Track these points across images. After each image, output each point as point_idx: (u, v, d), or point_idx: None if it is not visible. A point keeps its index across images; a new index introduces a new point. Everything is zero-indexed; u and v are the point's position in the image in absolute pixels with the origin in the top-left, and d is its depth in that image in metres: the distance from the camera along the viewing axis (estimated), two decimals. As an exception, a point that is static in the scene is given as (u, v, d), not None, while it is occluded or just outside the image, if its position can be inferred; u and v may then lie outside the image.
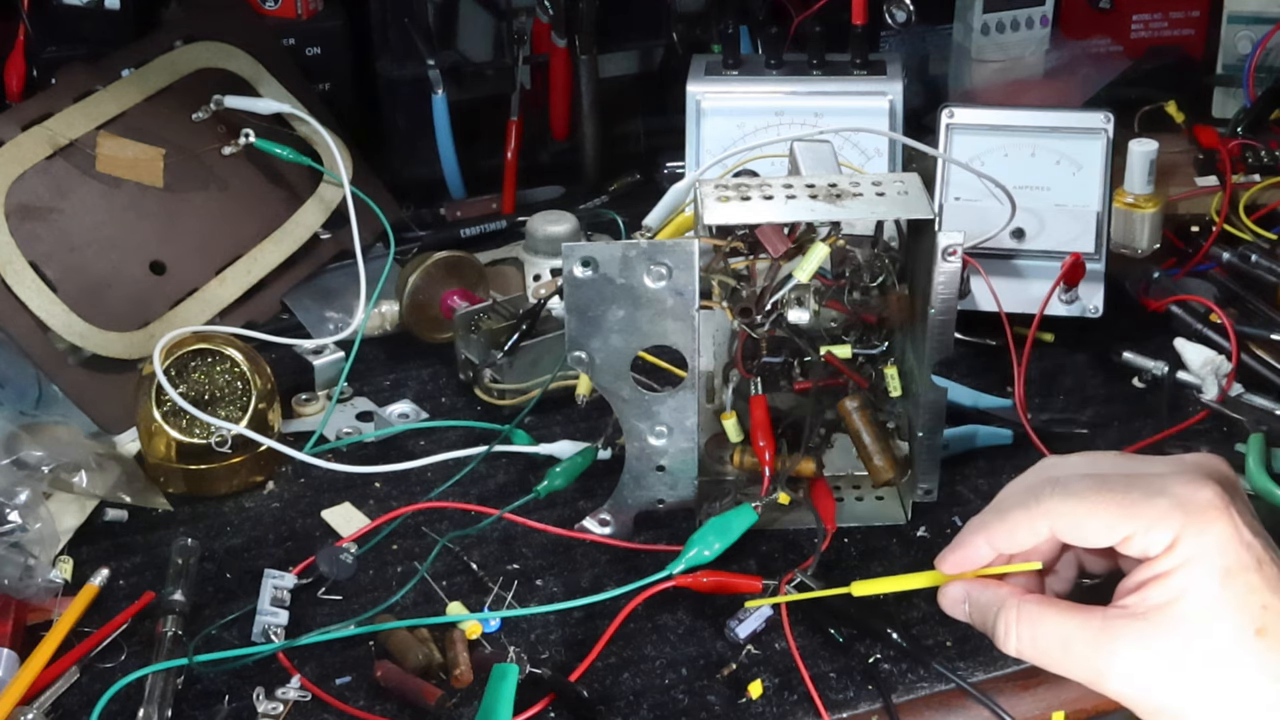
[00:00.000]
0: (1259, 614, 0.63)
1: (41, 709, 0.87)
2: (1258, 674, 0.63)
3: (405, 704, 0.87)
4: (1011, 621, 0.68)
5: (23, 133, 1.18)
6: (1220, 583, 0.63)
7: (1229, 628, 0.63)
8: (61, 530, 1.01)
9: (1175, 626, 0.63)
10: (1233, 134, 1.44)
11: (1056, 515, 0.66)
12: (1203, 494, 0.63)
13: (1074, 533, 0.66)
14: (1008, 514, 0.68)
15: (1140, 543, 0.64)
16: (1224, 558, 0.63)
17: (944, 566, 0.71)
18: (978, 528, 0.69)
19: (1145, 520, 0.63)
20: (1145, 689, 0.64)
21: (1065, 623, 0.66)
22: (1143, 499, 0.64)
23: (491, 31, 1.52)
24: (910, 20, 1.42)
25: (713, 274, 0.95)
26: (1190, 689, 0.63)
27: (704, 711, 0.87)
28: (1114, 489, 0.65)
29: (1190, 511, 0.63)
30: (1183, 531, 0.63)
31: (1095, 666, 0.65)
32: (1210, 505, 0.63)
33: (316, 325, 1.27)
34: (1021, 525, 0.67)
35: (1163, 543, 0.63)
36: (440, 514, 1.04)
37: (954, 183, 1.24)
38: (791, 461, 0.99)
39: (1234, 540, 0.63)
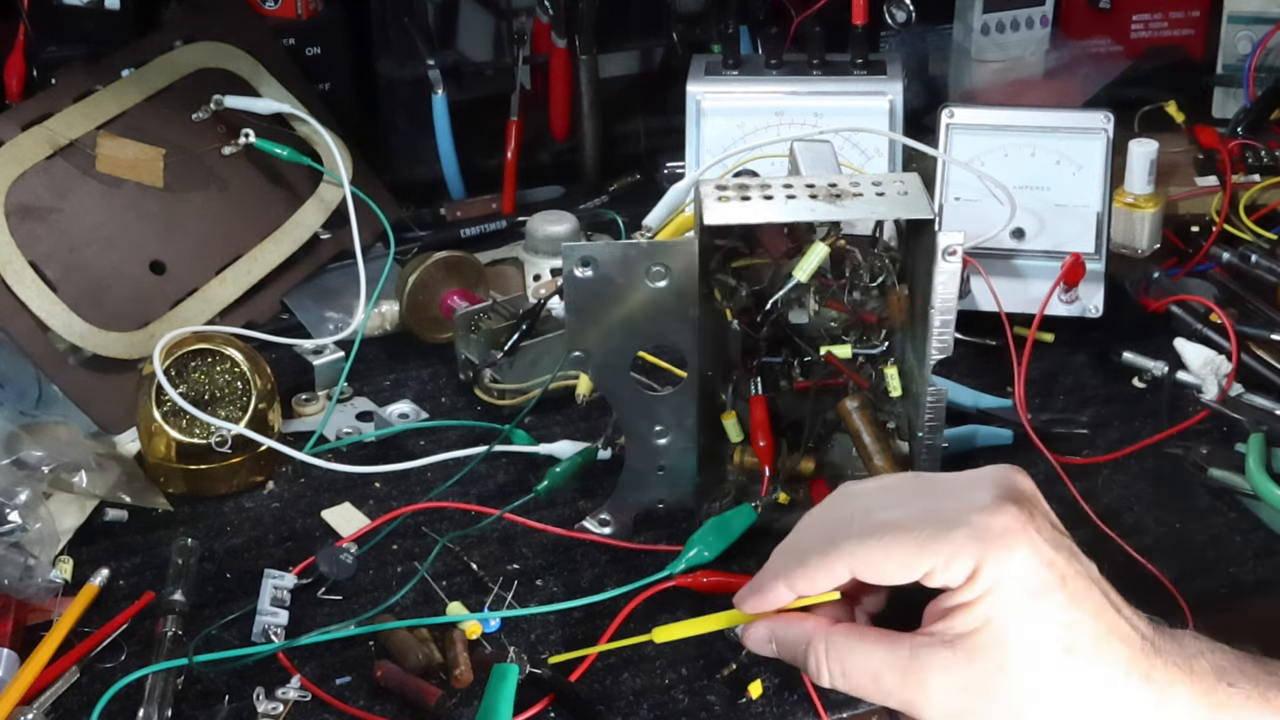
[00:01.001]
0: (1065, 633, 0.63)
1: (41, 709, 0.87)
2: (1071, 692, 0.63)
3: (405, 704, 0.87)
4: (821, 656, 0.67)
5: (23, 133, 1.18)
6: (1024, 606, 0.62)
7: (1038, 651, 0.62)
8: (61, 530, 1.01)
9: (983, 653, 0.63)
10: (1233, 134, 1.44)
11: (854, 559, 0.66)
12: (999, 519, 0.63)
13: (873, 574, 0.65)
14: (806, 560, 0.67)
15: (941, 576, 0.64)
16: (1026, 581, 0.62)
17: (744, 608, 0.71)
18: (776, 573, 0.69)
19: (944, 555, 0.63)
20: (959, 712, 0.64)
21: (874, 654, 0.66)
22: (938, 533, 0.63)
23: (491, 31, 1.52)
24: (910, 20, 1.42)
25: (713, 274, 0.95)
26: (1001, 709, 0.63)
27: (704, 711, 0.87)
28: (909, 527, 0.64)
29: (988, 540, 0.63)
30: (983, 560, 0.62)
31: (907, 697, 0.65)
32: (1007, 530, 0.63)
33: (316, 325, 1.27)
34: (820, 571, 0.67)
35: (964, 573, 0.63)
36: (440, 514, 1.04)
37: (954, 183, 1.24)
38: (791, 461, 0.98)
39: (1034, 562, 0.63)
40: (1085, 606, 0.63)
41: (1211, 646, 0.67)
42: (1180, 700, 0.64)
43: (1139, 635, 0.64)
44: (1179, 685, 0.64)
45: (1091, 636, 0.63)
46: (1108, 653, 0.63)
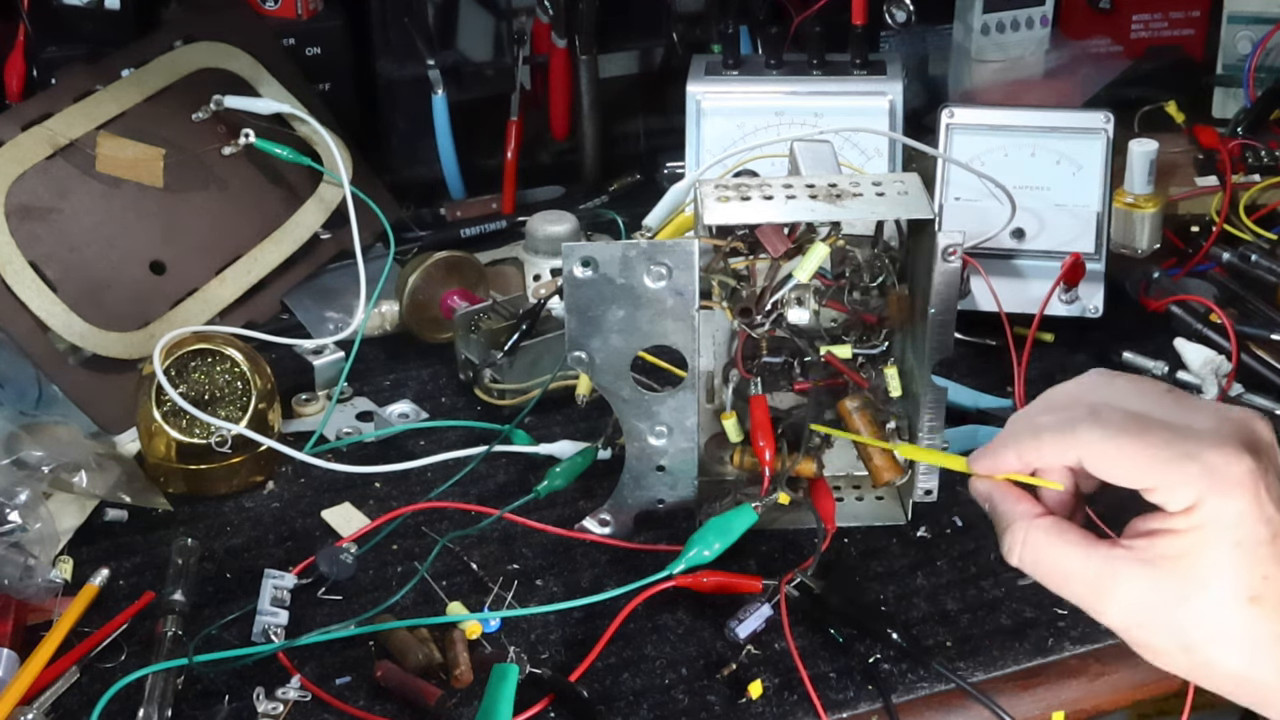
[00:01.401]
0: (1258, 583, 0.64)
1: (41, 709, 0.87)
2: (1241, 637, 0.64)
3: (405, 704, 0.87)
4: (1019, 541, 0.69)
5: (23, 133, 1.18)
6: (1229, 551, 0.64)
7: (1225, 591, 0.64)
8: (61, 530, 1.01)
9: (1174, 580, 0.65)
10: (1233, 134, 1.44)
11: (1087, 447, 0.66)
12: (1235, 467, 0.64)
13: (1101, 469, 0.66)
14: (1041, 434, 0.68)
15: (1162, 496, 0.65)
16: (1239, 530, 0.64)
17: (976, 467, 0.72)
18: (1010, 441, 0.70)
19: (1172, 479, 0.64)
20: (1136, 626, 0.66)
21: (1070, 554, 0.68)
22: (1174, 458, 0.64)
23: (491, 31, 1.52)
24: (910, 20, 1.42)
25: (713, 274, 0.95)
26: (1177, 636, 0.65)
27: (704, 711, 0.87)
28: (1149, 437, 0.65)
29: (1217, 482, 0.64)
30: (1205, 497, 0.64)
31: (1093, 602, 0.67)
32: (1238, 481, 0.64)
33: (316, 325, 1.27)
34: (1051, 449, 0.68)
35: (1183, 502, 0.64)
36: (440, 514, 1.04)
37: (954, 183, 1.24)
38: (791, 461, 0.99)
39: (1253, 515, 0.64)
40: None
41: None
42: None
43: None
44: None
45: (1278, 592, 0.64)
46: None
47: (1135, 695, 0.93)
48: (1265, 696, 0.66)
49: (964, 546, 1.00)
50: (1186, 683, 0.91)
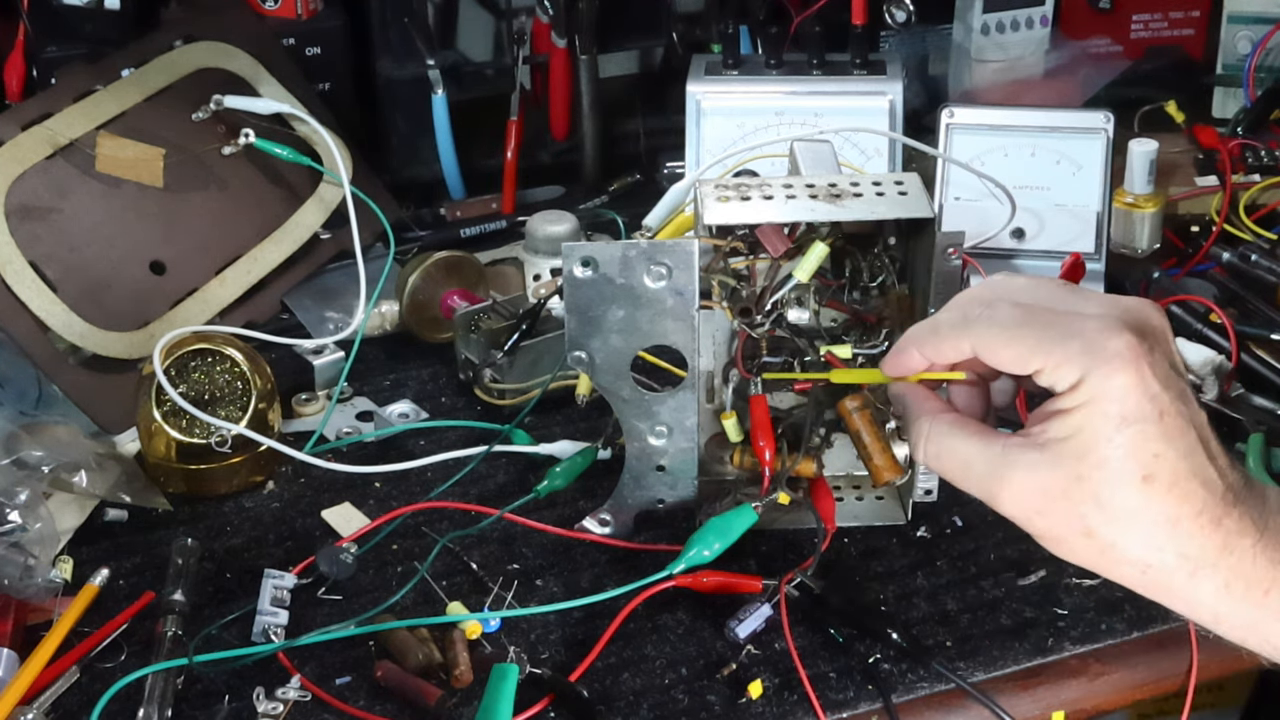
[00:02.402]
0: (1149, 461, 0.65)
1: (41, 709, 0.87)
2: (1138, 518, 0.65)
3: (405, 704, 0.87)
4: (924, 434, 0.72)
5: (23, 133, 1.18)
6: (1115, 427, 0.65)
7: (1116, 470, 0.65)
8: (61, 530, 1.01)
9: (1067, 461, 0.66)
10: (1233, 134, 1.44)
11: (978, 338, 0.69)
12: (1115, 342, 0.65)
13: (991, 357, 0.69)
14: (940, 329, 0.71)
15: (1048, 378, 0.66)
16: (1123, 405, 0.65)
17: (885, 369, 0.75)
18: (912, 339, 0.73)
19: (1055, 359, 0.66)
20: (1036, 513, 0.68)
21: (969, 445, 0.70)
22: (1057, 338, 0.66)
23: (491, 31, 1.52)
24: (910, 20, 1.42)
25: (713, 274, 0.95)
26: (1077, 521, 0.66)
27: (704, 711, 0.87)
28: (1034, 324, 0.67)
29: (1098, 358, 0.65)
30: (1088, 375, 0.65)
31: (989, 488, 0.69)
32: (1118, 355, 0.65)
33: (316, 325, 1.27)
34: (948, 342, 0.71)
35: (1068, 381, 0.66)
36: (440, 514, 1.04)
37: (954, 183, 1.24)
38: (791, 461, 0.98)
39: (1137, 390, 0.65)
40: (1175, 444, 0.65)
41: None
42: (1244, 552, 0.66)
43: (1223, 484, 0.66)
44: (1247, 538, 0.66)
45: (1172, 472, 0.65)
46: (1184, 491, 0.65)
47: (1135, 695, 0.93)
48: (1167, 582, 0.67)
49: (964, 546, 1.00)
50: (1186, 683, 0.92)
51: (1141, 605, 0.95)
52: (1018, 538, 1.00)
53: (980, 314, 0.69)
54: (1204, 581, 0.66)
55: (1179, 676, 0.92)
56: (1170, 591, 0.67)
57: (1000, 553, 1.00)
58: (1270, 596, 0.66)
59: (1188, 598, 0.67)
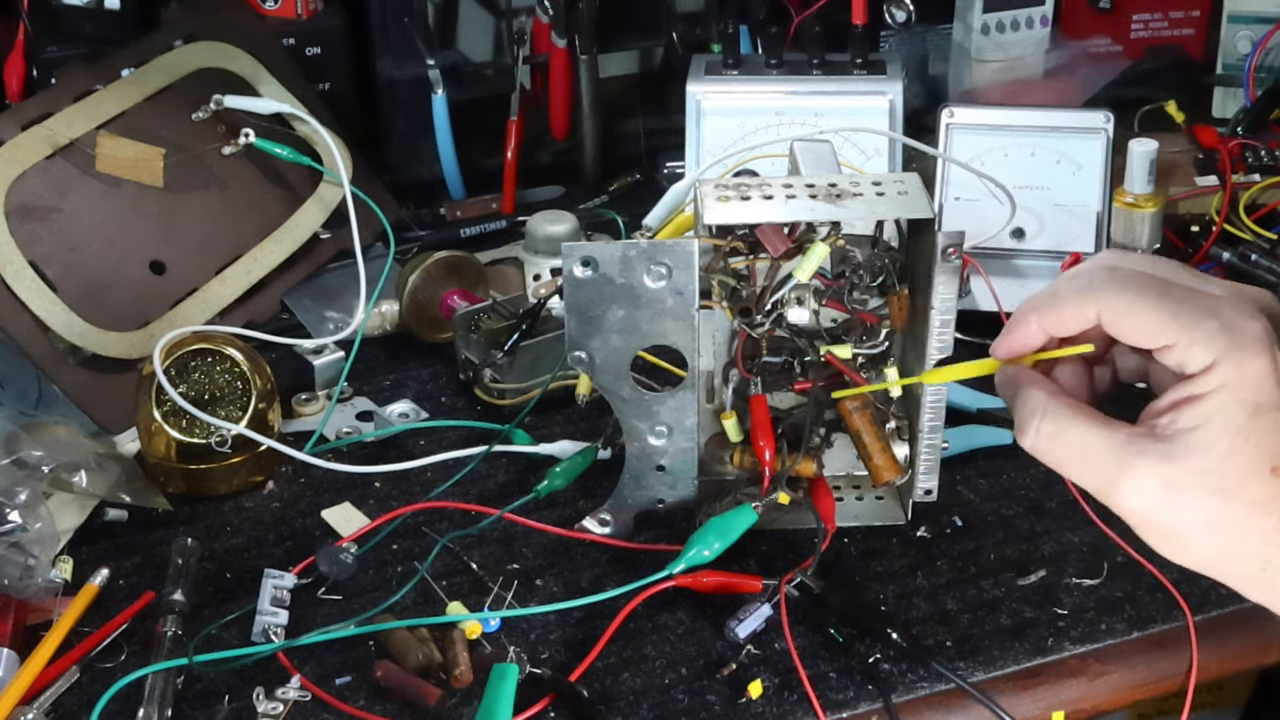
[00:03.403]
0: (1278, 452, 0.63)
1: (41, 709, 0.87)
2: (1263, 509, 0.63)
3: (405, 704, 0.87)
4: (1039, 417, 0.67)
5: (23, 133, 1.18)
6: (1248, 416, 0.62)
7: (1247, 461, 0.63)
8: (61, 530, 1.01)
9: (1195, 452, 0.63)
10: (1233, 134, 1.44)
11: (1107, 304, 0.65)
12: (1252, 326, 0.63)
13: (1120, 326, 0.65)
14: (1060, 296, 0.67)
15: (1179, 355, 0.64)
16: (1258, 392, 0.62)
17: (998, 352, 0.71)
18: (1030, 309, 0.69)
19: (1191, 335, 0.63)
20: (1153, 508, 0.65)
21: (1089, 431, 0.66)
22: (1194, 314, 0.64)
23: (491, 31, 1.52)
24: (910, 20, 1.42)
25: (713, 274, 0.95)
26: (1196, 514, 0.64)
27: (704, 711, 0.87)
28: (1170, 296, 0.64)
29: (1235, 340, 0.63)
30: (1223, 357, 0.63)
31: (1109, 478, 0.65)
32: (1256, 339, 0.63)
33: (316, 325, 1.27)
34: (1071, 308, 0.67)
35: (1201, 363, 0.63)
36: (440, 514, 1.04)
37: (954, 183, 1.24)
38: (791, 461, 0.99)
39: (1271, 377, 0.63)
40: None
41: None
42: None
43: None
44: None
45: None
46: None
47: (1135, 695, 0.93)
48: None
49: (964, 546, 1.00)
50: (1186, 683, 0.92)
51: (1141, 605, 0.95)
52: (1018, 537, 1.01)
53: (1107, 279, 0.66)
54: None
55: (1179, 676, 0.92)
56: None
57: (1000, 553, 1.00)
58: None
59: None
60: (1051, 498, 1.04)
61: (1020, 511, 1.04)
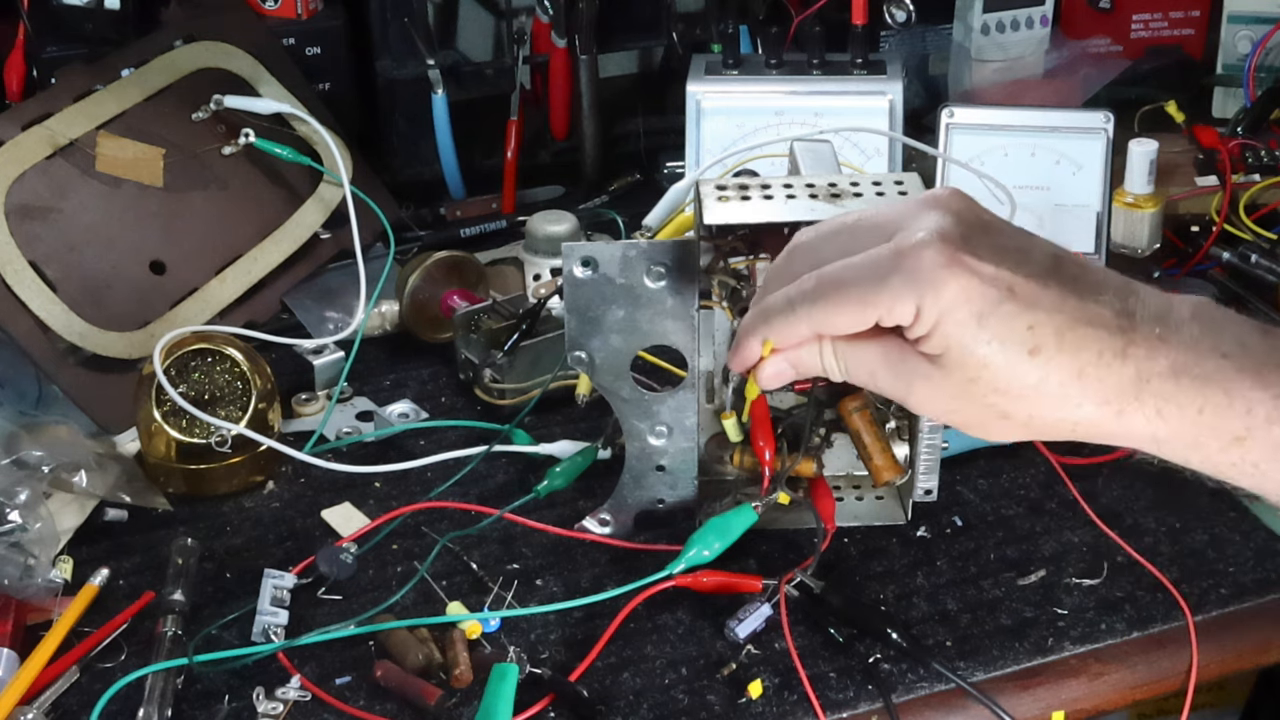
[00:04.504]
0: (1026, 336, 0.64)
1: (41, 709, 0.87)
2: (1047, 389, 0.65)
3: (405, 704, 0.87)
4: (829, 354, 0.70)
5: (23, 133, 1.18)
6: (977, 325, 0.64)
7: (1002, 361, 0.64)
8: (61, 530, 1.01)
9: (954, 369, 0.65)
10: (1233, 134, 1.44)
11: (810, 320, 0.68)
12: (925, 257, 0.64)
13: (830, 330, 0.68)
14: (770, 320, 0.70)
15: (890, 320, 0.66)
16: (969, 305, 0.64)
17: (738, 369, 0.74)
18: (750, 331, 0.72)
19: (884, 304, 0.65)
20: (949, 414, 0.68)
21: (871, 352, 0.69)
22: (876, 285, 0.65)
23: (491, 31, 1.52)
24: (910, 20, 1.42)
25: (713, 274, 0.95)
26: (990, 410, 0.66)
27: (704, 711, 0.87)
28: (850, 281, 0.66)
29: (919, 281, 0.64)
30: (920, 300, 0.64)
31: (899, 393, 0.69)
32: (935, 266, 0.64)
33: (316, 325, 1.27)
34: (784, 331, 0.70)
35: (908, 315, 0.65)
36: (440, 514, 1.04)
37: (954, 183, 1.24)
38: (791, 461, 0.99)
39: (971, 287, 0.64)
40: (1040, 305, 0.64)
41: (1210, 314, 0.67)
42: (1162, 372, 0.64)
43: (1111, 313, 0.65)
44: (1160, 357, 0.64)
45: (1053, 331, 0.64)
46: (1074, 341, 0.64)
47: (1135, 695, 0.93)
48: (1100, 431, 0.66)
49: (964, 546, 1.00)
50: (1186, 683, 0.92)
51: (1141, 605, 0.95)
52: (1018, 538, 1.01)
53: (796, 295, 0.69)
54: (1133, 416, 0.65)
55: (1179, 676, 0.92)
56: (1109, 436, 0.66)
57: (1000, 553, 1.00)
58: (1205, 415, 0.64)
59: (1125, 436, 0.66)
60: (1051, 498, 1.04)
61: (1020, 511, 1.04)
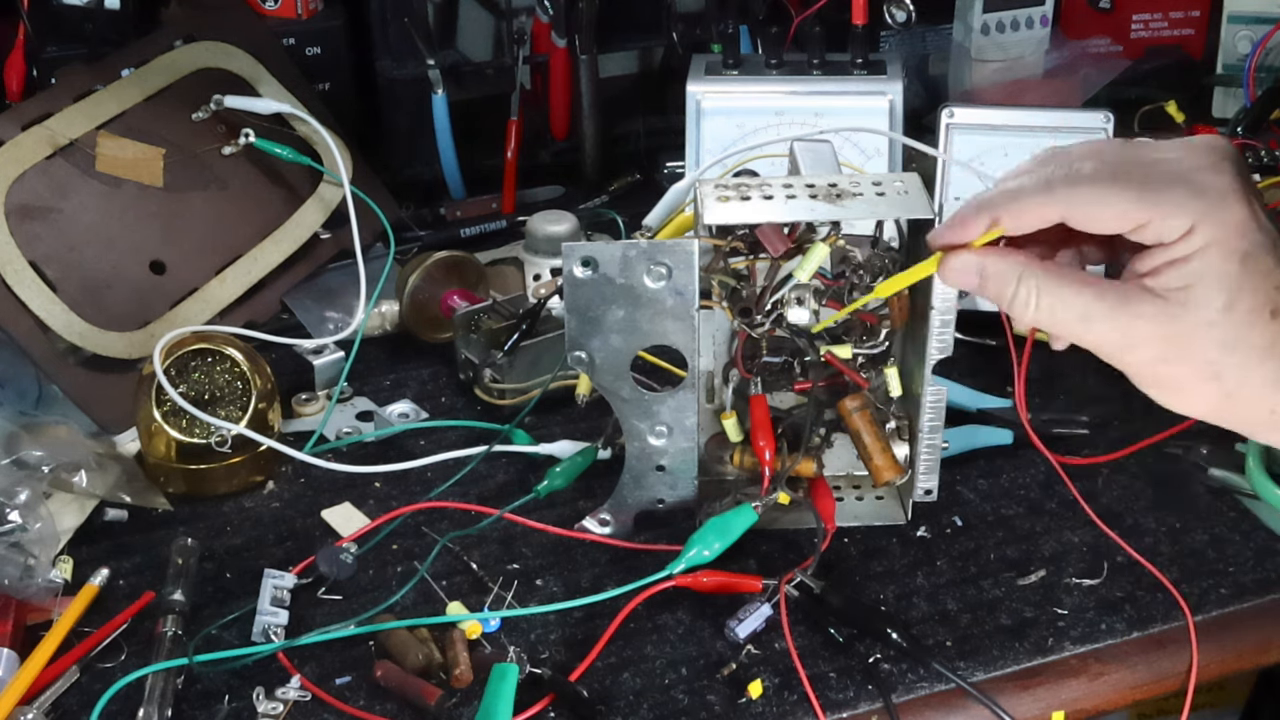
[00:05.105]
0: (1274, 294, 0.63)
1: (41, 709, 0.87)
2: (1267, 352, 0.63)
3: (405, 704, 0.87)
4: (1032, 289, 0.66)
5: (23, 133, 1.18)
6: (1239, 265, 0.62)
7: (1245, 309, 0.63)
8: (61, 530, 1.01)
9: (1192, 308, 0.63)
10: (1233, 134, 1.44)
11: (1070, 202, 0.65)
12: (1221, 179, 0.63)
13: (1088, 220, 0.65)
14: (1020, 196, 0.66)
15: (1156, 229, 0.63)
16: (1242, 241, 0.62)
17: (940, 240, 0.69)
18: (984, 206, 0.67)
19: (1163, 208, 0.63)
20: (1162, 361, 0.65)
21: (1084, 294, 0.65)
22: (1159, 186, 0.63)
23: (491, 31, 1.52)
24: (910, 20, 1.42)
25: (713, 274, 0.95)
26: (1206, 365, 0.64)
27: (704, 711, 0.87)
28: (1129, 176, 0.64)
29: (1208, 197, 0.63)
30: (1201, 217, 0.62)
31: (1112, 339, 0.65)
32: (1228, 190, 0.63)
33: (316, 325, 1.27)
34: (1031, 209, 0.66)
35: (1180, 229, 0.63)
36: (440, 514, 1.04)
37: (954, 183, 1.24)
38: (791, 461, 0.99)
39: (1251, 224, 0.63)
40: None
41: None
42: None
43: None
44: None
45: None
46: None
47: (1135, 695, 0.93)
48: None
49: (964, 546, 1.00)
50: (1186, 683, 0.92)
51: (1141, 605, 0.95)
52: (1018, 538, 1.01)
53: (1065, 174, 0.65)
54: None
55: (1179, 676, 0.92)
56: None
57: (1000, 553, 1.00)
58: None
59: None
60: (1051, 498, 1.04)
61: (1020, 511, 1.04)
